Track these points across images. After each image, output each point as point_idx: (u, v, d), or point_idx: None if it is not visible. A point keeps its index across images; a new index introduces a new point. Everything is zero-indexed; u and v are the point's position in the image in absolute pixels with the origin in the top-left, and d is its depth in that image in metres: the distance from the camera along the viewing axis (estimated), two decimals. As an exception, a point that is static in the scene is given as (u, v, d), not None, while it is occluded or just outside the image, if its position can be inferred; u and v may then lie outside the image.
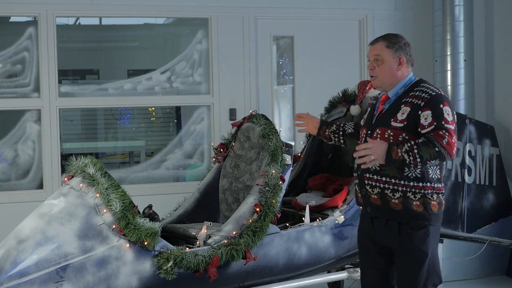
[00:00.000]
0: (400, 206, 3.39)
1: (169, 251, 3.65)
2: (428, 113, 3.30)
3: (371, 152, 3.31)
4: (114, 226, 3.58)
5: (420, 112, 3.32)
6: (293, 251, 4.15)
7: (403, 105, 3.39)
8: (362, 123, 3.70)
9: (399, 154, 3.27)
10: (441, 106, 3.31)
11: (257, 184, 4.08)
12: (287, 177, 4.18)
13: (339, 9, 6.55)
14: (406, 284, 3.46)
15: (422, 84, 3.45)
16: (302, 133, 5.44)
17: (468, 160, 5.72)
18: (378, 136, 3.44)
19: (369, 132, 3.53)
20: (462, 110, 6.14)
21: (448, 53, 6.20)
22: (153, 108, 8.33)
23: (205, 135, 6.45)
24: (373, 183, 3.45)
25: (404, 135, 3.35)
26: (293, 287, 4.23)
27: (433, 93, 3.35)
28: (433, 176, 3.39)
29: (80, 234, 3.54)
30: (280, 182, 4.09)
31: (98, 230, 3.58)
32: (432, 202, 3.39)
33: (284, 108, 7.35)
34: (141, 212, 3.79)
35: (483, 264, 5.84)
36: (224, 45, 6.26)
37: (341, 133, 3.87)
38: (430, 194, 3.39)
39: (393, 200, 3.39)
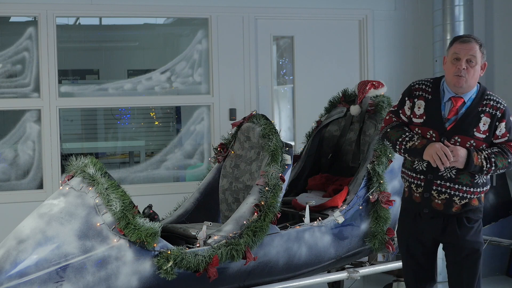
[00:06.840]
0: (460, 209, 3.50)
1: (169, 251, 3.65)
2: (503, 125, 3.44)
3: (452, 154, 3.36)
4: (114, 226, 3.58)
5: (498, 123, 3.44)
6: (293, 251, 4.15)
7: (482, 115, 3.44)
8: (419, 120, 3.54)
9: (479, 160, 3.39)
10: (511, 118, 3.48)
11: (257, 184, 4.08)
12: (287, 177, 4.18)
13: (339, 9, 6.54)
14: (467, 275, 3.62)
15: (488, 92, 3.51)
16: (302, 133, 5.45)
17: (468, 160, 5.71)
18: (458, 143, 3.45)
19: (443, 138, 3.46)
20: (462, 110, 6.13)
21: (448, 53, 6.19)
22: (153, 108, 8.33)
23: (205, 135, 6.45)
24: (443, 189, 3.49)
25: (484, 146, 3.46)
26: (293, 287, 4.23)
27: (505, 104, 3.49)
28: (488, 179, 3.58)
29: (80, 234, 3.54)
30: (280, 182, 4.09)
31: (98, 230, 3.57)
32: (482, 195, 3.57)
33: (284, 108, 7.35)
34: (141, 212, 3.78)
35: (483, 264, 5.81)
36: (224, 45, 6.25)
37: None
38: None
39: (456, 205, 3.50)
